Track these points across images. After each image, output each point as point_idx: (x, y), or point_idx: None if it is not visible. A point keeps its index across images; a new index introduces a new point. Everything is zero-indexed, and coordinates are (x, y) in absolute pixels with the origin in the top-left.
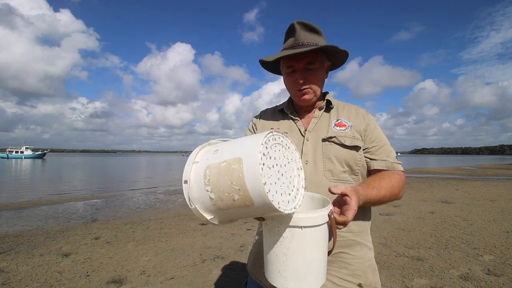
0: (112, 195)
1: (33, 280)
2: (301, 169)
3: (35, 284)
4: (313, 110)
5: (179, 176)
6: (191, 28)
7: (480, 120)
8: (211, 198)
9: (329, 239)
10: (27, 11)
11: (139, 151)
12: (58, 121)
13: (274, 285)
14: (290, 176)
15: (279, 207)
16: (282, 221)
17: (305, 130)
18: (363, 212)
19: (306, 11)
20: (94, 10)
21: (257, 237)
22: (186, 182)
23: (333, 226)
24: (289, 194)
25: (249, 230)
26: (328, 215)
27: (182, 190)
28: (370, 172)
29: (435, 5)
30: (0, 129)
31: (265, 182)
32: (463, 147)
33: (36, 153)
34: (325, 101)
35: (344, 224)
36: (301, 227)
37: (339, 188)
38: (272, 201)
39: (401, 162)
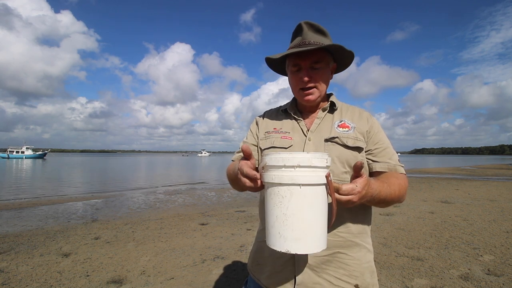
0: (112, 195)
1: (33, 280)
2: None
3: (35, 284)
4: (317, 110)
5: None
6: (189, 28)
7: (478, 120)
8: None
9: (329, 212)
10: (27, 12)
11: (139, 151)
12: (58, 121)
13: (275, 248)
14: None
15: None
16: (282, 180)
17: (308, 130)
18: (364, 214)
19: (302, 12)
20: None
21: (257, 236)
22: None
23: (331, 189)
24: None
25: (249, 230)
26: (326, 176)
27: (182, 190)
28: (372, 175)
29: (435, 4)
30: (0, 129)
31: None
32: (463, 147)
33: (37, 153)
34: (329, 102)
35: (338, 190)
36: (299, 185)
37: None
38: None
39: (403, 165)
